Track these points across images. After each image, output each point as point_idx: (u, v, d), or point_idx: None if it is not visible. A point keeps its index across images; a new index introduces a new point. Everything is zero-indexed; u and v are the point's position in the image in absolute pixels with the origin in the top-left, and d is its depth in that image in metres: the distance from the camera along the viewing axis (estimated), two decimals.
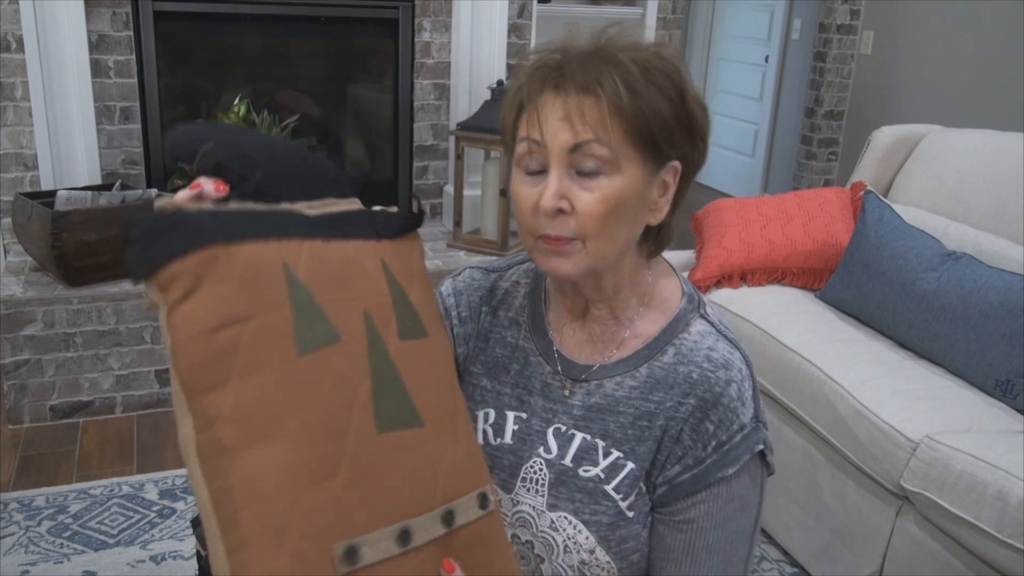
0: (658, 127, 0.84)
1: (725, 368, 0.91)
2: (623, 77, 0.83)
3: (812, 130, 4.72)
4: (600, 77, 0.82)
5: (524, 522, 0.95)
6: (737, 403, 0.90)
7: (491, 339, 1.02)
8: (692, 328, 0.94)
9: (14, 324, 2.43)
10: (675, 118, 0.85)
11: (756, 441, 0.91)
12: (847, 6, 4.49)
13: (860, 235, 2.23)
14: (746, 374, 0.92)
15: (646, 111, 0.83)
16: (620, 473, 0.92)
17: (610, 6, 3.78)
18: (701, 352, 0.92)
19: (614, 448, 0.93)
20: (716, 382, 0.90)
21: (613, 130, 0.82)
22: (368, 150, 3.40)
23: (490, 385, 1.01)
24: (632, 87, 0.83)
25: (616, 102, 0.82)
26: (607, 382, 0.95)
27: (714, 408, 0.90)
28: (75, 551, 1.98)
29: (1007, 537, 1.52)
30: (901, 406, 1.80)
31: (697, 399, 0.90)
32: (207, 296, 0.65)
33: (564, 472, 0.94)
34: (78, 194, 2.50)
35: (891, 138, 2.57)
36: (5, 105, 2.67)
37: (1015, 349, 1.82)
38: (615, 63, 0.83)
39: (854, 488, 1.87)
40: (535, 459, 0.95)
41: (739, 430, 0.90)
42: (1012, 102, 3.69)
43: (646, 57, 0.85)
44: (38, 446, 2.43)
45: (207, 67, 3.05)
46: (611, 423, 0.93)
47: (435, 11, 3.13)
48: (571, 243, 0.85)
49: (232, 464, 0.64)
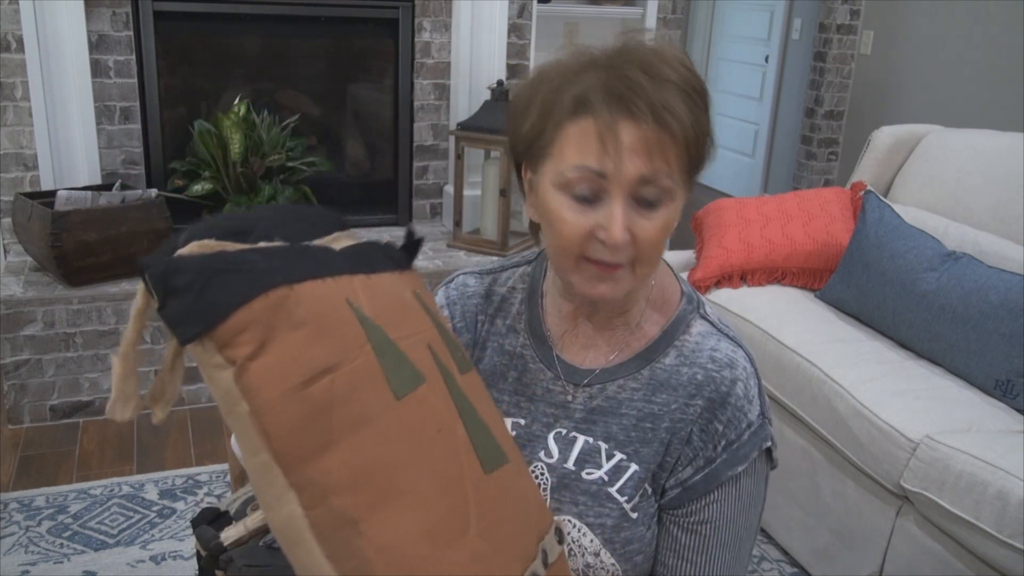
0: (707, 150, 0.86)
1: (730, 367, 0.91)
2: (688, 105, 0.81)
3: (812, 130, 4.72)
4: (674, 107, 0.80)
5: None
6: (744, 401, 0.91)
7: (489, 347, 1.01)
8: (693, 329, 0.94)
9: (14, 324, 2.43)
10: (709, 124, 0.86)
11: (763, 438, 0.92)
12: (847, 6, 4.49)
13: (860, 235, 2.23)
14: (751, 372, 0.93)
15: (703, 139, 0.84)
16: (624, 475, 0.92)
17: (610, 6, 3.78)
18: (704, 353, 0.92)
19: (617, 450, 0.92)
20: (722, 382, 0.91)
21: (679, 158, 0.82)
22: (368, 150, 3.40)
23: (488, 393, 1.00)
24: (697, 117, 0.82)
25: (687, 134, 0.81)
26: (609, 385, 0.94)
27: (722, 408, 0.90)
28: (75, 551, 1.98)
29: (1007, 537, 1.52)
30: (901, 406, 1.80)
31: (705, 400, 0.91)
32: (284, 347, 0.57)
33: (567, 475, 0.93)
34: (78, 194, 2.50)
35: (891, 138, 2.57)
36: (5, 105, 2.67)
37: (1015, 349, 1.82)
38: (677, 88, 0.81)
39: (854, 488, 1.87)
40: (536, 464, 0.95)
41: (747, 428, 0.91)
42: (1012, 102, 3.69)
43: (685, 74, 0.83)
44: (38, 446, 2.43)
45: (207, 67, 3.05)
46: (614, 425, 0.93)
47: (435, 11, 3.13)
48: (622, 268, 0.85)
49: (362, 536, 0.56)
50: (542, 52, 3.69)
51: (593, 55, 0.84)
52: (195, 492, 2.23)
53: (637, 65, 0.81)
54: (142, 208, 2.57)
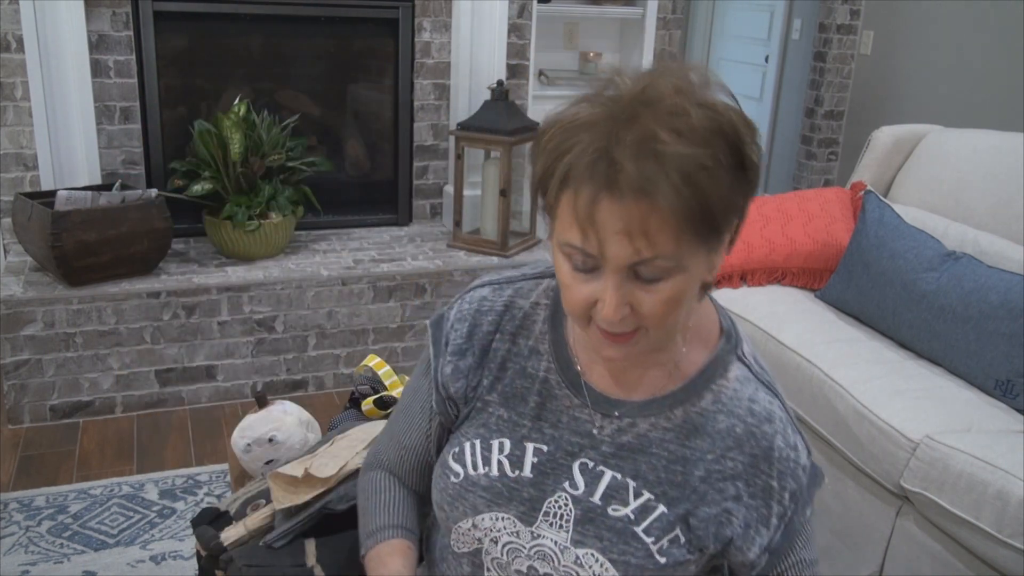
0: (721, 209, 0.76)
1: (769, 421, 0.90)
2: (680, 168, 0.72)
3: (812, 130, 4.73)
4: (655, 177, 0.72)
5: (544, 556, 0.92)
6: (788, 451, 0.90)
7: (509, 368, 0.97)
8: (731, 373, 0.91)
9: (14, 324, 2.43)
10: (735, 184, 0.76)
11: (819, 475, 0.93)
12: (847, 6, 4.49)
13: (860, 235, 2.23)
14: (786, 420, 0.92)
15: (707, 201, 0.74)
16: (651, 515, 0.89)
17: (610, 6, 3.78)
18: (743, 403, 0.90)
19: (645, 489, 0.90)
20: (763, 437, 0.89)
21: (677, 237, 0.74)
22: (368, 150, 3.40)
23: (507, 415, 0.96)
24: (690, 178, 0.73)
25: (676, 205, 0.73)
26: (640, 421, 0.91)
27: (767, 463, 0.89)
28: (75, 551, 1.98)
29: (1007, 537, 1.52)
30: (901, 406, 1.80)
31: (747, 456, 0.89)
32: None
33: (592, 510, 0.91)
34: (78, 194, 2.50)
35: (891, 138, 2.57)
36: (5, 105, 2.67)
37: (1015, 349, 1.82)
38: (680, 157, 0.73)
39: (854, 488, 1.87)
40: (560, 494, 0.92)
41: (804, 472, 0.91)
42: (1012, 102, 3.69)
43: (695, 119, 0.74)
44: (38, 446, 2.43)
45: (207, 67, 3.05)
46: (643, 464, 0.91)
47: (435, 11, 3.13)
48: (634, 335, 0.81)
49: None
50: (542, 52, 3.69)
51: (605, 104, 0.77)
52: (195, 492, 2.24)
53: (641, 128, 0.73)
54: (142, 208, 2.57)
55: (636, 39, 3.79)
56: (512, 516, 0.93)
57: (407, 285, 2.86)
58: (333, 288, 2.77)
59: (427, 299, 2.89)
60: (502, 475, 0.94)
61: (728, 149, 0.75)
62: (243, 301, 2.67)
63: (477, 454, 0.97)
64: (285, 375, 2.80)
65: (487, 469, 0.95)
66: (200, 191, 2.70)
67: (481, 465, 0.96)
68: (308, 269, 2.80)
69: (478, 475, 0.95)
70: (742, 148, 0.76)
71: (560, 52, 3.83)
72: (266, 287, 2.69)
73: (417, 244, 3.13)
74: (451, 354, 0.98)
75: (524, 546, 0.93)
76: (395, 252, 3.03)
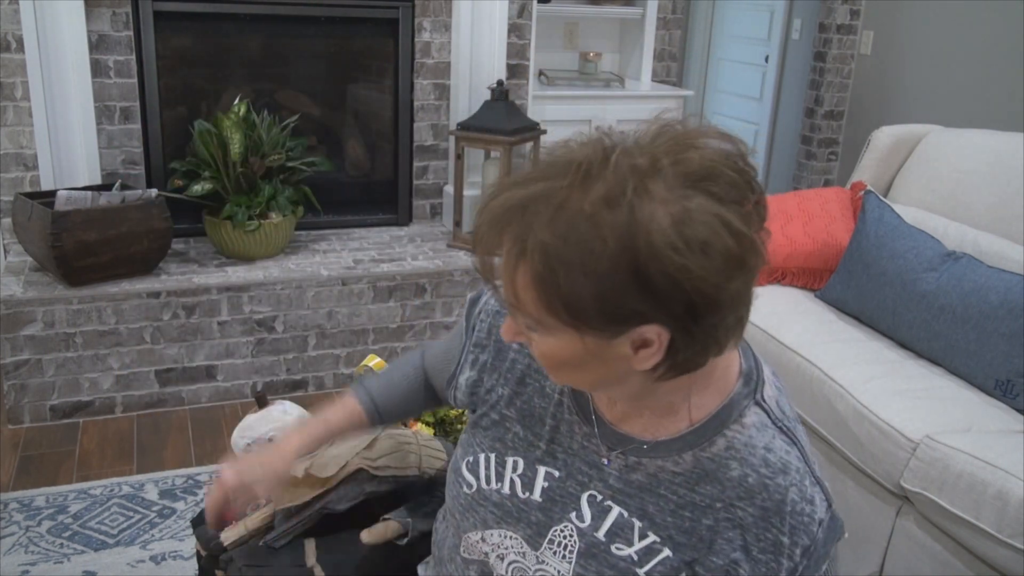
0: (581, 306, 0.72)
1: (783, 473, 0.84)
2: (540, 245, 0.71)
3: (812, 130, 4.73)
4: (527, 243, 0.72)
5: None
6: (804, 504, 0.84)
7: (529, 385, 0.97)
8: (746, 419, 0.86)
9: (14, 324, 2.43)
10: (605, 292, 0.71)
11: (838, 531, 0.86)
12: (847, 6, 4.49)
13: (860, 235, 2.23)
14: (804, 471, 0.85)
15: (559, 293, 0.72)
16: (654, 558, 0.86)
17: (610, 6, 3.78)
18: (757, 453, 0.84)
19: (651, 531, 0.87)
20: (776, 489, 0.83)
21: (530, 301, 0.74)
22: (368, 150, 3.40)
23: (523, 433, 0.96)
24: (547, 259, 0.71)
25: (533, 272, 0.73)
26: (648, 462, 0.88)
27: (779, 517, 0.83)
28: (75, 551, 1.98)
29: (1007, 537, 1.52)
30: (901, 406, 1.80)
31: (758, 508, 0.84)
32: None
33: (596, 545, 0.89)
34: (78, 194, 2.50)
35: (891, 138, 2.57)
36: (5, 105, 2.67)
37: (1015, 349, 1.82)
38: (541, 224, 0.72)
39: (854, 488, 1.87)
40: (567, 524, 0.90)
41: (819, 527, 0.84)
42: (1012, 102, 3.69)
43: (589, 214, 0.70)
44: (38, 446, 2.43)
45: (207, 67, 3.05)
46: (651, 505, 0.87)
47: (435, 11, 3.13)
48: None
49: None
50: (542, 52, 3.69)
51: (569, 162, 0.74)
52: (195, 492, 2.23)
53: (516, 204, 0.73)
54: (142, 208, 2.57)
55: (636, 39, 3.79)
56: (520, 537, 0.93)
57: (407, 285, 2.86)
58: (333, 288, 2.77)
59: (427, 299, 2.89)
60: (513, 494, 0.94)
61: (608, 247, 0.70)
62: (243, 301, 2.67)
63: (491, 468, 0.96)
64: (285, 375, 2.80)
65: (499, 485, 0.95)
66: (200, 191, 2.70)
67: (495, 480, 0.96)
68: (308, 269, 2.80)
69: (490, 490, 0.95)
70: (645, 271, 0.70)
71: (560, 52, 3.83)
72: (266, 287, 2.69)
73: (417, 244, 3.13)
74: (473, 345, 1.02)
75: (529, 568, 0.93)
76: (395, 252, 3.03)
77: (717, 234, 0.70)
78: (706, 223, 0.70)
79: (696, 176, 0.71)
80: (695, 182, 0.71)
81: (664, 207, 0.70)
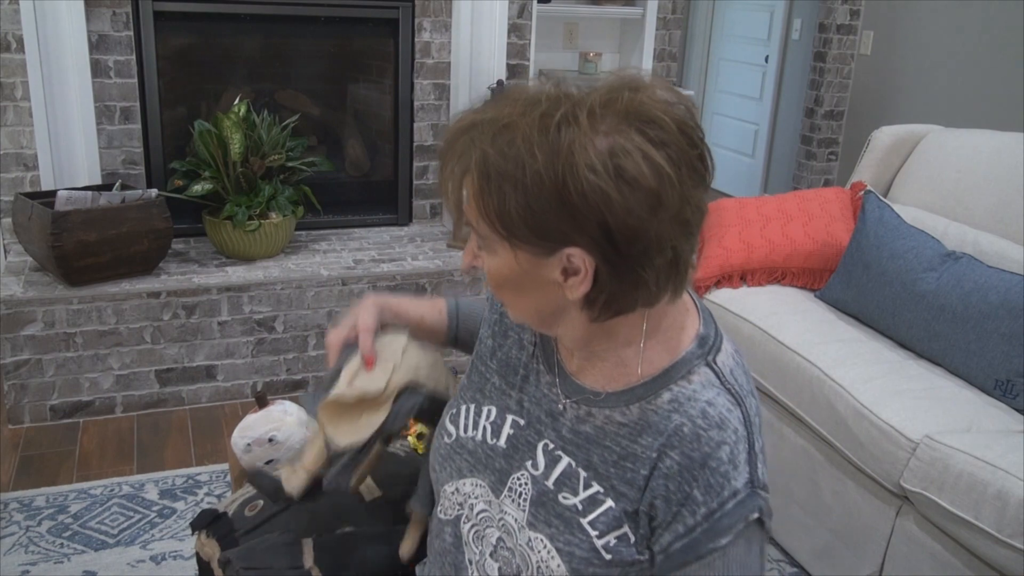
0: (519, 221, 0.78)
1: (719, 428, 0.84)
2: (480, 158, 0.79)
3: (812, 130, 4.73)
4: (469, 155, 0.81)
5: (508, 530, 0.94)
6: (728, 467, 0.84)
7: (510, 337, 1.02)
8: (695, 376, 0.88)
9: (14, 324, 2.43)
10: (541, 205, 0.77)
11: (751, 509, 0.84)
12: (847, 6, 4.49)
13: (860, 235, 2.23)
14: (742, 435, 0.86)
15: (491, 198, 0.79)
16: (597, 508, 0.88)
17: (610, 6, 3.78)
18: (698, 405, 0.86)
19: (595, 481, 0.89)
20: (707, 442, 0.84)
21: (473, 213, 0.83)
22: (368, 150, 3.40)
23: (499, 383, 1.00)
24: (485, 170, 0.79)
25: (475, 186, 0.80)
26: (597, 413, 0.91)
27: (700, 471, 0.84)
28: (75, 551, 1.98)
29: (1007, 537, 1.52)
30: (901, 406, 1.80)
31: (683, 456, 0.85)
32: None
33: (545, 493, 0.91)
34: (78, 194, 2.50)
35: (891, 138, 2.57)
36: (5, 105, 2.67)
37: (1015, 349, 1.82)
38: (485, 138, 0.79)
39: (854, 488, 1.87)
40: (523, 472, 0.94)
41: (731, 496, 0.84)
42: (1012, 102, 3.69)
43: (525, 133, 0.77)
44: (38, 446, 2.43)
45: (207, 67, 3.05)
46: (595, 456, 0.90)
47: (435, 11, 3.13)
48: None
49: None
50: (542, 52, 3.69)
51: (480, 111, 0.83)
52: (195, 492, 2.24)
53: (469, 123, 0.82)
54: (142, 208, 2.57)
55: (636, 39, 3.79)
56: (486, 484, 0.97)
57: (407, 285, 2.86)
58: (333, 288, 2.77)
59: None
60: (484, 441, 0.98)
61: (546, 172, 0.76)
62: (243, 301, 2.67)
63: (470, 418, 1.01)
64: (285, 375, 2.80)
65: (474, 433, 0.99)
66: (200, 191, 2.70)
67: (471, 428, 1.00)
68: (308, 269, 2.80)
69: (467, 438, 1.00)
70: (565, 188, 0.75)
71: (560, 52, 3.83)
72: (266, 287, 2.69)
73: (417, 244, 3.13)
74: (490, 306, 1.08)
75: (494, 517, 0.96)
76: (395, 252, 3.03)
77: (639, 168, 0.75)
78: (631, 156, 0.75)
79: (635, 116, 0.77)
80: (632, 121, 0.77)
81: (595, 136, 0.76)
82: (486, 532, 0.96)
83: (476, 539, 0.98)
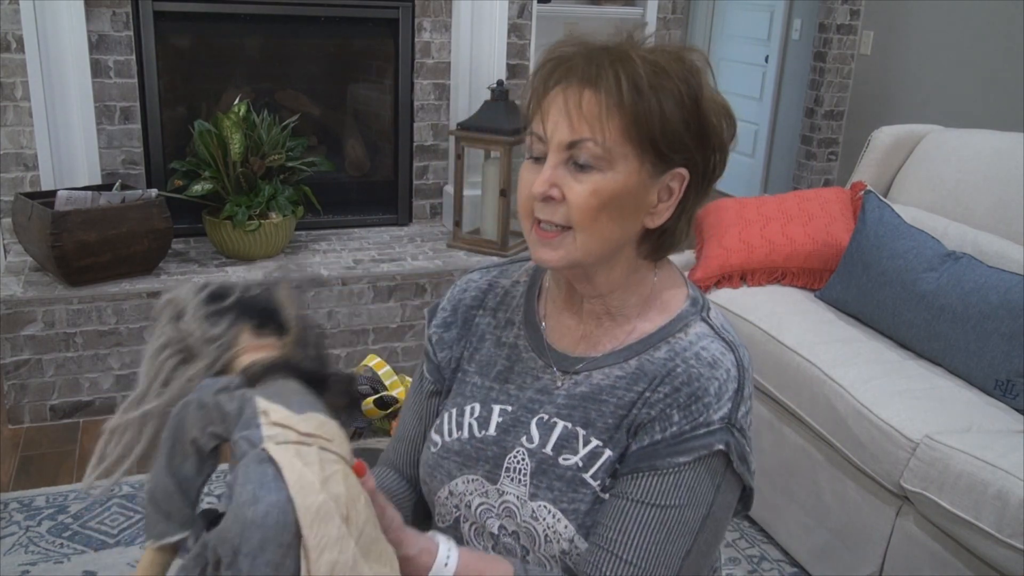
0: (661, 130, 0.85)
1: (711, 366, 0.90)
2: (629, 74, 0.84)
3: (812, 130, 4.72)
4: (602, 71, 0.84)
5: (509, 512, 0.95)
6: (712, 399, 0.88)
7: (487, 339, 1.04)
8: (691, 329, 0.94)
9: (14, 324, 2.43)
10: (683, 123, 0.86)
11: (718, 440, 0.87)
12: (847, 6, 4.49)
13: (860, 235, 2.23)
14: (732, 376, 0.90)
15: (648, 112, 0.84)
16: (598, 461, 0.92)
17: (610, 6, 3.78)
18: (692, 350, 0.91)
19: (594, 436, 0.93)
20: (696, 376, 0.89)
21: (609, 128, 0.84)
22: (368, 150, 3.40)
23: (480, 381, 1.02)
24: (637, 85, 0.83)
25: (616, 99, 0.83)
26: (595, 373, 0.95)
27: (686, 399, 0.89)
28: (75, 551, 1.98)
29: (1007, 537, 1.52)
30: (901, 406, 1.80)
31: (671, 388, 0.89)
32: None
33: (545, 460, 0.94)
34: (78, 194, 2.50)
35: (891, 138, 2.57)
36: (5, 105, 2.67)
37: (1015, 349, 1.82)
38: (624, 59, 0.84)
39: (854, 488, 1.87)
40: (518, 448, 0.96)
41: (704, 424, 0.88)
42: (1012, 102, 3.69)
43: (663, 59, 0.86)
44: (38, 446, 2.43)
45: (207, 67, 3.05)
46: (593, 411, 0.94)
47: (435, 11, 3.13)
48: (560, 235, 0.88)
49: None
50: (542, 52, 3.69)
51: (583, 40, 0.89)
52: None
53: (602, 46, 0.87)
54: (142, 208, 2.57)
55: None
56: (480, 476, 0.97)
57: (407, 285, 2.86)
58: (333, 288, 2.77)
59: (427, 299, 2.89)
60: (471, 436, 0.99)
61: (685, 87, 0.86)
62: None
63: (453, 421, 1.02)
64: None
65: (460, 434, 1.00)
66: (200, 191, 2.70)
67: (456, 431, 1.01)
68: (308, 269, 2.80)
69: (452, 440, 1.00)
70: (700, 93, 0.87)
71: None
72: None
73: (417, 244, 3.13)
74: (436, 326, 1.06)
75: (494, 505, 0.96)
76: (395, 252, 3.03)
77: (727, 107, 0.90)
78: (718, 96, 0.90)
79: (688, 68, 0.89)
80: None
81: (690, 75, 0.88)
82: (486, 525, 0.97)
83: (477, 535, 0.99)
